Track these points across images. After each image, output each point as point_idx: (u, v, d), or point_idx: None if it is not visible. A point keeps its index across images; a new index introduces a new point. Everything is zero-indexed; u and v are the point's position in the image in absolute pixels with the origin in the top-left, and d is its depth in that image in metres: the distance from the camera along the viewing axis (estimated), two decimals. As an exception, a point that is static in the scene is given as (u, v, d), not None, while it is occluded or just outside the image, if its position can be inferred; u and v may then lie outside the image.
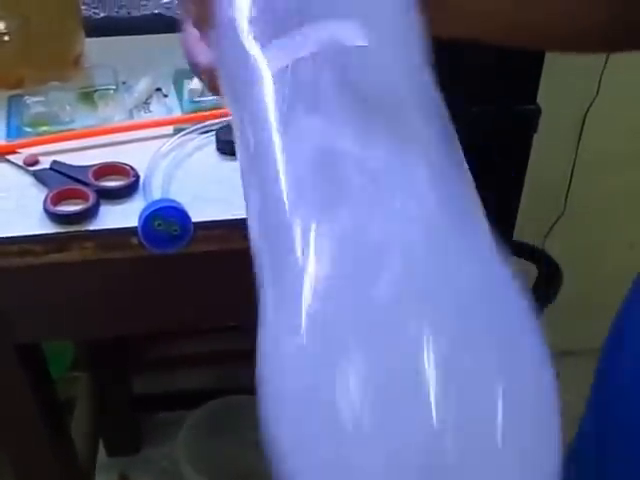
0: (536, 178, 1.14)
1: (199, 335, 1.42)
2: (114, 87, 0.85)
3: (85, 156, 0.76)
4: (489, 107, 1.06)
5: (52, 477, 0.91)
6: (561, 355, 1.71)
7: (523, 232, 1.21)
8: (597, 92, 1.54)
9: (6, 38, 0.84)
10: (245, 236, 0.66)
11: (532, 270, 1.58)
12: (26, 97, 0.83)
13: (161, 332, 1.27)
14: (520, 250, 1.44)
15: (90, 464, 1.23)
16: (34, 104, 0.82)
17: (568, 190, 1.74)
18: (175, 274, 0.72)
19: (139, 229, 0.64)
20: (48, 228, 0.67)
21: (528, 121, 1.07)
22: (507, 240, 0.91)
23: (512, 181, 1.15)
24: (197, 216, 0.66)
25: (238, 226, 0.67)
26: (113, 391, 1.41)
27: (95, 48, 0.94)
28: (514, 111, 1.06)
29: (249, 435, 1.37)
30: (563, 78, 1.10)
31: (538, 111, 1.07)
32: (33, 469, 0.90)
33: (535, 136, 1.11)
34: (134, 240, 0.66)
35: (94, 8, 1.01)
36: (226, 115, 0.80)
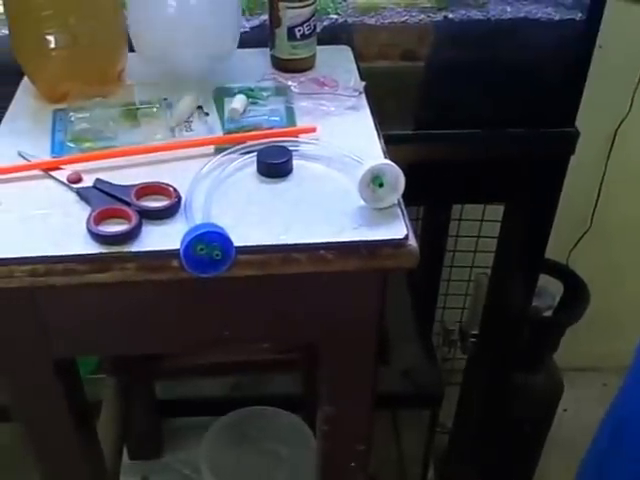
0: (563, 193, 1.14)
1: (225, 343, 1.43)
2: (157, 105, 0.86)
3: (127, 173, 0.77)
4: (527, 129, 1.06)
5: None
6: (588, 371, 1.72)
7: (548, 247, 1.21)
8: (629, 109, 1.54)
9: (54, 53, 0.85)
10: (284, 261, 0.68)
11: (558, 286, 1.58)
12: (70, 113, 0.84)
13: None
14: (546, 266, 1.44)
15: (116, 467, 1.25)
16: (78, 120, 0.83)
17: (595, 206, 1.74)
18: (213, 297, 0.73)
19: (181, 253, 0.65)
20: (92, 248, 0.68)
21: (566, 144, 1.07)
22: (538, 258, 0.91)
23: (547, 202, 1.15)
24: (237, 240, 0.66)
25: (278, 251, 0.68)
26: (137, 396, 1.42)
27: (137, 63, 0.95)
28: (552, 134, 1.07)
29: (270, 445, 1.38)
30: (595, 95, 1.10)
31: (576, 134, 1.07)
32: (61, 471, 0.91)
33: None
34: (175, 262, 0.67)
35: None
36: (267, 137, 0.81)
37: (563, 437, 1.74)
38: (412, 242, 0.68)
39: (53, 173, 0.77)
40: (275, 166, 0.77)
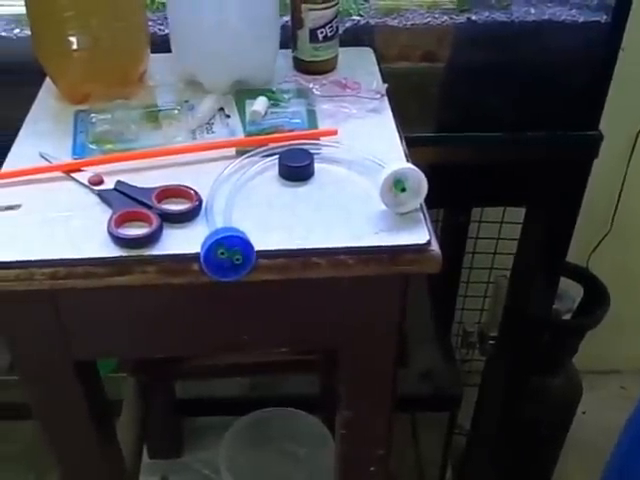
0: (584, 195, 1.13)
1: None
2: (178, 107, 0.86)
3: (148, 176, 0.77)
4: (550, 132, 1.05)
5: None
6: (607, 374, 1.70)
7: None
8: (651, 112, 1.53)
9: (76, 55, 0.85)
10: (304, 265, 0.67)
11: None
12: (92, 114, 0.84)
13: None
14: (565, 269, 1.43)
15: (135, 467, 1.25)
16: (100, 122, 0.83)
17: (616, 209, 1.73)
18: (233, 301, 0.72)
19: (201, 257, 0.65)
20: (112, 251, 0.67)
21: (589, 147, 1.06)
22: (559, 262, 0.90)
23: (569, 205, 1.14)
24: (258, 244, 0.66)
25: (299, 256, 0.67)
26: (157, 395, 1.42)
27: (159, 65, 0.95)
28: (575, 137, 1.06)
29: (289, 447, 1.38)
30: (617, 97, 1.09)
31: (600, 137, 1.06)
32: (80, 471, 0.91)
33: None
34: (195, 266, 0.67)
35: (159, 24, 1.02)
36: (289, 139, 0.81)
37: (582, 439, 1.73)
38: (434, 247, 0.68)
39: (74, 175, 0.77)
40: (296, 169, 0.76)
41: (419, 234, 0.68)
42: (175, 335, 0.76)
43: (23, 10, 0.87)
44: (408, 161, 0.77)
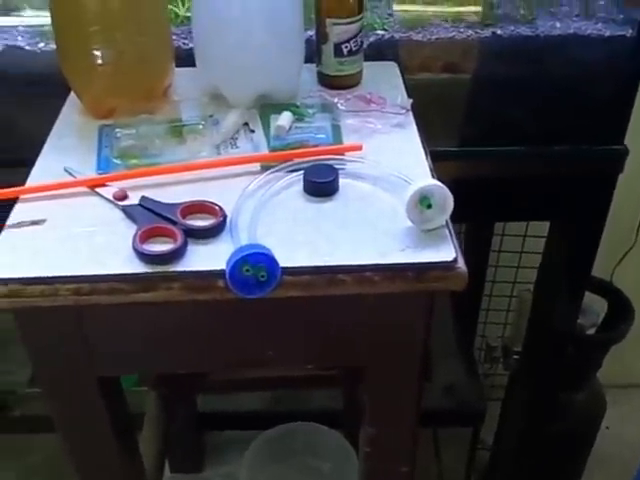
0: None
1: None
2: (203, 122, 0.86)
3: (172, 191, 0.77)
4: (575, 147, 1.04)
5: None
6: (631, 388, 1.68)
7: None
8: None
9: (100, 69, 0.85)
10: (330, 282, 0.67)
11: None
12: (116, 129, 0.84)
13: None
14: (590, 284, 1.41)
15: (157, 480, 1.25)
16: (124, 136, 0.83)
17: (640, 223, 1.71)
18: (257, 317, 0.72)
19: (227, 274, 0.65)
20: (137, 267, 0.67)
21: (615, 162, 1.05)
22: (584, 276, 0.89)
23: (593, 220, 1.13)
24: (283, 261, 0.66)
25: (324, 272, 0.67)
26: (179, 409, 1.42)
27: (183, 79, 0.95)
28: (601, 151, 1.05)
29: (312, 462, 1.37)
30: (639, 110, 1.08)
31: (625, 152, 1.05)
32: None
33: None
34: (220, 283, 0.66)
35: (183, 38, 1.02)
36: (313, 154, 0.80)
37: (606, 454, 1.71)
38: (461, 264, 0.67)
39: (99, 190, 0.77)
40: (321, 185, 0.76)
41: (445, 251, 0.68)
42: (199, 351, 0.76)
43: (46, 21, 0.87)
44: (434, 177, 0.77)
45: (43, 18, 0.96)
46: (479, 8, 1.09)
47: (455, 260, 0.67)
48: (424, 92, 0.97)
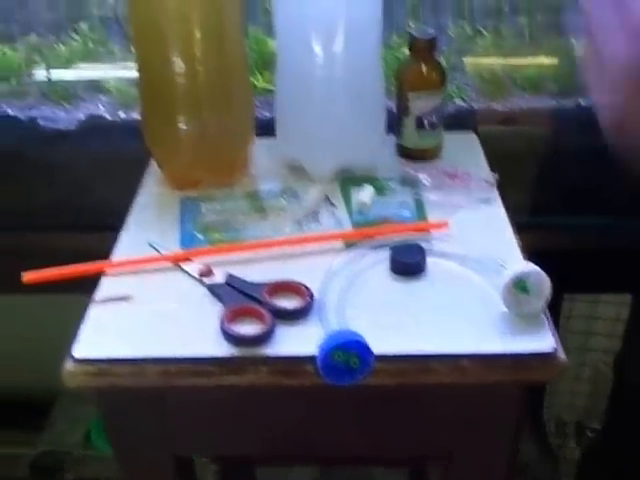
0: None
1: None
2: (284, 196, 0.85)
3: (256, 268, 0.76)
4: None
5: None
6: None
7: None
8: None
9: (184, 141, 0.86)
10: (422, 370, 0.65)
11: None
12: (200, 203, 0.84)
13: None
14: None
15: None
16: (208, 211, 0.83)
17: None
18: (343, 404, 0.70)
19: (318, 360, 0.63)
20: (225, 349, 0.66)
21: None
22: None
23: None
24: (374, 347, 0.63)
25: (416, 360, 0.65)
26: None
27: (261, 149, 0.95)
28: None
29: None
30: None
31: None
32: None
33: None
34: (309, 368, 0.64)
35: (260, 108, 1.02)
36: (398, 231, 0.79)
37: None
38: (561, 355, 0.64)
39: (183, 265, 0.77)
40: (409, 265, 0.74)
41: (544, 340, 0.65)
42: (281, 437, 0.74)
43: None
44: (525, 257, 0.75)
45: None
46: (555, 61, 1.07)
47: (555, 350, 0.64)
48: (504, 162, 0.95)
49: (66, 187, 1.09)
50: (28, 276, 0.72)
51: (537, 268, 0.67)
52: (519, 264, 0.69)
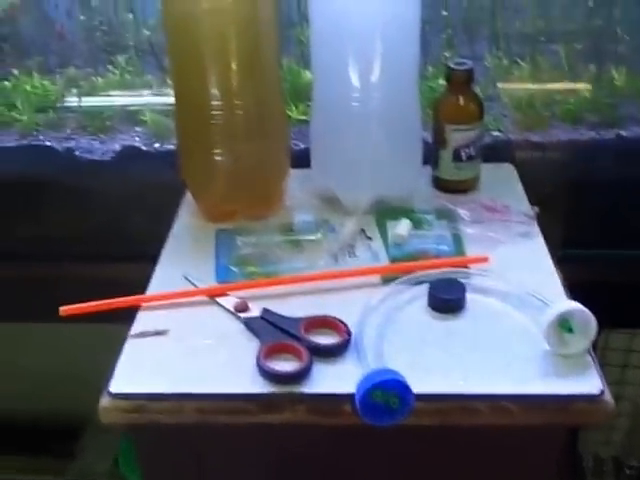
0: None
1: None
2: (320, 230, 0.84)
3: (292, 302, 0.75)
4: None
5: None
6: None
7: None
8: None
9: (220, 175, 0.85)
10: (464, 411, 0.63)
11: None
12: (236, 236, 0.84)
13: None
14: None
15: None
16: (243, 244, 0.82)
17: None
18: (384, 445, 0.68)
19: (356, 400, 0.61)
20: (262, 386, 0.65)
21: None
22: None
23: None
24: (414, 386, 0.62)
25: (458, 400, 0.63)
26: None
27: (296, 180, 0.94)
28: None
29: None
30: None
31: None
32: None
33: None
34: (347, 407, 0.63)
35: (294, 139, 1.02)
36: (437, 266, 0.77)
37: None
38: (608, 398, 0.62)
39: (219, 300, 0.76)
40: (449, 302, 0.73)
41: (590, 382, 0.63)
42: (316, 477, 0.73)
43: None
44: (567, 294, 0.73)
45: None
46: (589, 86, 1.06)
47: (602, 393, 0.62)
48: (544, 194, 0.93)
49: (102, 217, 1.09)
50: (65, 309, 0.72)
51: (582, 307, 0.66)
52: (563, 302, 0.67)
